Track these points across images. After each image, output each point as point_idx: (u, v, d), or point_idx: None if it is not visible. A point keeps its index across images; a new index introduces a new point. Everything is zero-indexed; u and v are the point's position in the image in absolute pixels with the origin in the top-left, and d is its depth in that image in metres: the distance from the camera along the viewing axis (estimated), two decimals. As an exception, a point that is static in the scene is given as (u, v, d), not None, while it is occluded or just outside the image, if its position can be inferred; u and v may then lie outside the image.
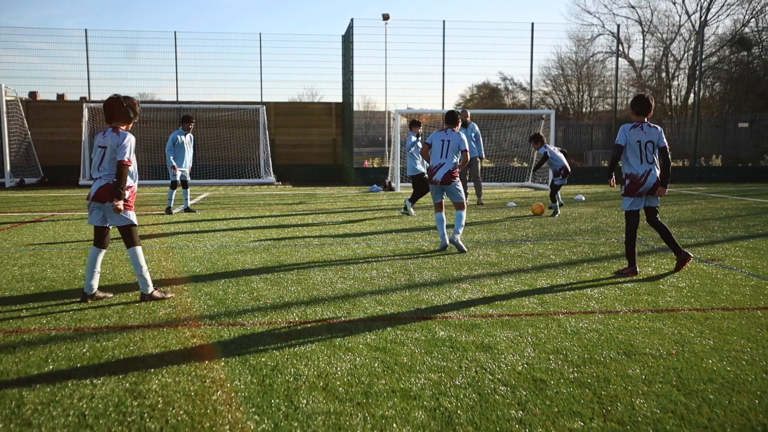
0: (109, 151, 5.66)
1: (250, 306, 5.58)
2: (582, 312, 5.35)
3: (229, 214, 12.86)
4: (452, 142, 8.46)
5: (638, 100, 6.76)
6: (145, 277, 5.71)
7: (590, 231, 10.34)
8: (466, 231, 10.21)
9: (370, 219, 12.02)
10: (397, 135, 19.82)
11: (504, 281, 6.55)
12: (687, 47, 45.27)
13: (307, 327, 4.94)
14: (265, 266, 7.33)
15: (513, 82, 43.40)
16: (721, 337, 4.66)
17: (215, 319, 5.16)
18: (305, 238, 9.55)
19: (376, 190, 19.35)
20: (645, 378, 3.84)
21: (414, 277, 6.78)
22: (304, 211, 13.51)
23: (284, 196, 17.57)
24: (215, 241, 9.24)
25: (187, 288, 6.24)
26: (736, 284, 6.41)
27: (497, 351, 4.35)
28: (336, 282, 6.52)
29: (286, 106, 26.27)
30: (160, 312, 5.36)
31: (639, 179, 6.69)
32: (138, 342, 4.56)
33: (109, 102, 5.73)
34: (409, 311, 5.39)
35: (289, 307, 5.55)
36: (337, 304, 5.63)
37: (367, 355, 4.28)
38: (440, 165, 8.44)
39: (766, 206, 14.49)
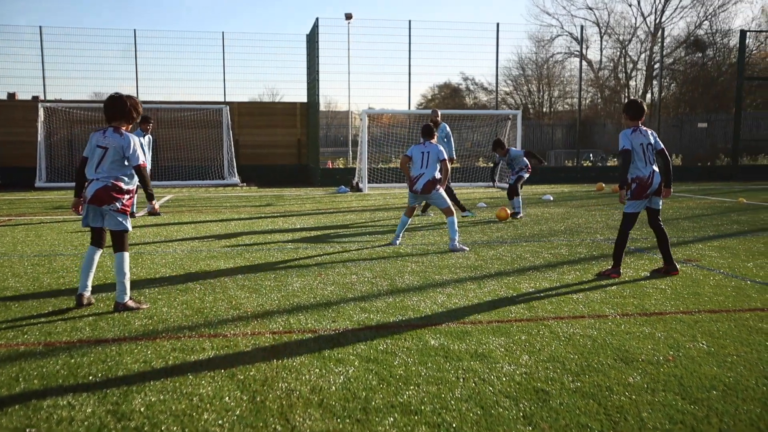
0: (112, 153, 5.40)
1: (230, 315, 5.36)
2: (571, 317, 5.28)
3: (197, 217, 12.53)
4: (431, 153, 8.69)
5: (632, 105, 6.80)
6: (125, 285, 5.45)
7: (565, 232, 10.34)
8: (441, 234, 10.12)
9: (341, 221, 11.84)
10: (364, 135, 19.65)
11: (487, 285, 6.45)
12: (643, 48, 46.19)
13: (293, 337, 4.75)
14: (241, 272, 7.10)
15: (474, 82, 43.60)
16: (714, 341, 4.62)
17: (195, 331, 4.93)
18: (278, 242, 9.33)
19: (343, 191, 19.16)
20: (647, 386, 3.76)
21: (396, 281, 6.63)
22: (273, 213, 13.26)
23: (251, 198, 17.25)
24: (185, 245, 8.95)
25: (161, 296, 5.98)
26: (718, 285, 6.43)
27: (493, 360, 4.23)
28: (316, 288, 6.34)
29: (250, 106, 25.89)
30: (136, 323, 5.11)
31: (646, 181, 6.69)
32: (115, 357, 4.31)
33: (111, 101, 5.49)
34: (397, 318, 5.24)
35: (271, 316, 5.35)
36: (321, 312, 5.45)
37: (360, 366, 4.12)
38: (420, 175, 8.69)
39: (729, 205, 14.76)
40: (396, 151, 24.80)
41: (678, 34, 42.81)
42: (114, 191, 5.41)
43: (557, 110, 46.69)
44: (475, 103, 43.57)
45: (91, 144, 5.55)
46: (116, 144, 5.41)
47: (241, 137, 24.84)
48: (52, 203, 15.97)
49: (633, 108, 6.76)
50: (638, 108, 6.75)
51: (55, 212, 13.68)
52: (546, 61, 46.08)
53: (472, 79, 42.68)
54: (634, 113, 6.75)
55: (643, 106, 6.77)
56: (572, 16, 58.53)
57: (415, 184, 8.70)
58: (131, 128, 5.74)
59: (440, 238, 9.63)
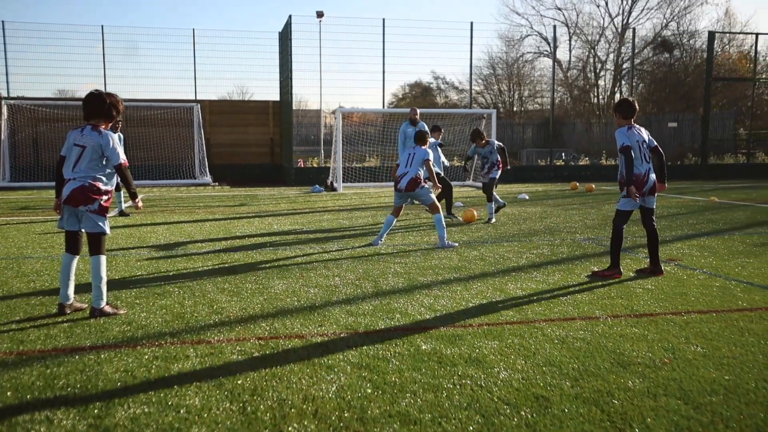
0: (89, 152, 5.17)
1: (212, 320, 5.17)
2: (562, 319, 5.20)
3: (170, 217, 12.24)
4: (417, 155, 8.87)
5: (624, 104, 6.77)
6: (102, 290, 5.23)
7: (544, 231, 10.30)
8: (421, 234, 10.02)
9: (318, 222, 11.67)
10: (338, 134, 19.47)
11: (473, 286, 6.36)
12: (611, 49, 46.75)
13: (280, 343, 4.59)
14: (220, 274, 6.91)
15: (445, 82, 43.63)
16: (708, 343, 4.58)
17: (177, 337, 4.74)
18: (256, 243, 9.13)
19: (318, 190, 18.96)
20: (647, 391, 3.68)
21: (380, 283, 6.50)
22: (248, 213, 13.03)
23: (224, 198, 16.97)
24: (160, 247, 8.70)
25: (139, 301, 5.76)
26: (703, 285, 6.42)
27: (488, 365, 4.12)
28: (299, 291, 6.17)
29: (222, 104, 25.54)
30: (114, 330, 4.89)
31: (643, 178, 6.66)
32: (94, 366, 4.11)
33: (90, 98, 5.26)
34: (385, 322, 5.11)
35: (255, 320, 5.18)
36: (306, 316, 5.29)
37: (352, 374, 3.98)
38: (404, 174, 8.84)
39: (702, 204, 14.92)
40: (370, 150, 24.67)
41: (645, 34, 43.40)
42: (91, 192, 5.19)
43: (527, 109, 47.03)
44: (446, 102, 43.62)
45: (68, 142, 5.32)
46: (94, 142, 5.19)
47: (212, 136, 24.47)
48: (17, 203, 15.51)
49: (625, 107, 6.74)
50: (630, 107, 6.73)
51: (21, 213, 13.27)
52: (516, 60, 46.38)
53: (443, 78, 42.69)
54: (627, 112, 6.73)
55: (635, 105, 6.75)
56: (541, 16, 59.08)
57: (399, 182, 8.85)
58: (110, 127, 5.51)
59: (420, 238, 9.53)
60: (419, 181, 8.74)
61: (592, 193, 18.30)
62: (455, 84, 42.77)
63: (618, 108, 6.80)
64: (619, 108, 6.79)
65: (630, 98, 6.80)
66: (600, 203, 15.18)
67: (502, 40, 46.10)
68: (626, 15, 47.48)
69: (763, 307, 5.58)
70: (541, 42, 47.81)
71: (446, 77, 42.29)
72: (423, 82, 44.14)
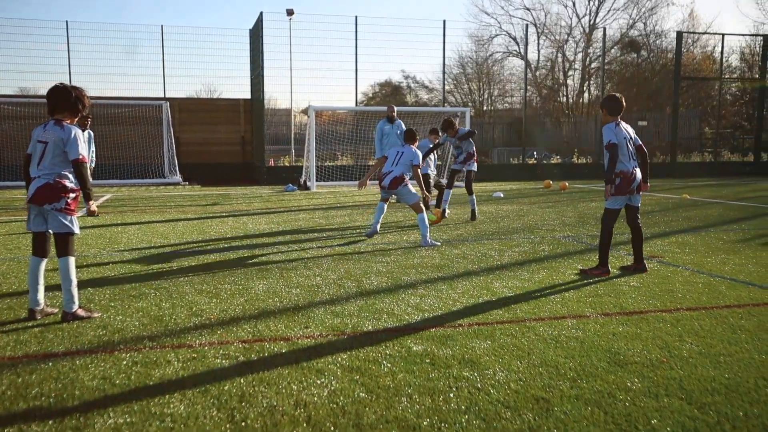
0: (52, 147, 4.91)
1: (192, 323, 4.96)
2: (552, 317, 5.10)
3: (141, 217, 11.92)
4: (405, 154, 9.00)
5: (611, 99, 6.69)
6: (73, 293, 4.98)
7: (523, 229, 10.24)
8: (401, 233, 9.89)
9: (294, 221, 11.46)
10: (311, 132, 19.24)
11: (459, 285, 6.24)
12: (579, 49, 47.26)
13: (265, 346, 4.41)
14: (197, 275, 6.68)
15: (415, 81, 43.60)
16: (701, 341, 4.52)
17: (156, 341, 4.52)
18: (232, 243, 8.90)
19: (291, 189, 18.71)
20: (648, 391, 3.59)
21: (363, 283, 6.34)
22: (222, 213, 12.75)
23: (195, 197, 16.63)
24: (132, 248, 8.42)
25: (113, 304, 5.52)
26: (688, 282, 6.40)
27: (482, 366, 4.00)
28: (280, 291, 5.99)
29: (191, 102, 25.09)
30: (89, 334, 4.66)
31: (630, 175, 6.58)
32: (69, 373, 3.89)
33: (53, 91, 4.99)
34: (372, 323, 4.96)
35: (238, 322, 4.99)
36: (290, 317, 5.11)
37: (343, 377, 3.82)
38: (389, 172, 8.96)
39: (675, 201, 15.05)
40: (343, 149, 24.48)
41: (612, 35, 43.95)
42: (56, 189, 4.94)
43: (497, 108, 47.28)
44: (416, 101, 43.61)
45: (32, 139, 5.07)
46: (56, 137, 4.93)
47: (182, 134, 24.02)
48: (-19, 204, 14.99)
49: (612, 103, 6.65)
50: (618, 103, 6.65)
51: (-16, 213, 12.81)
52: (486, 60, 46.60)
53: (413, 77, 42.65)
54: (614, 108, 6.65)
55: (623, 101, 6.67)
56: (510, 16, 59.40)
57: (383, 180, 8.97)
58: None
59: (400, 237, 9.40)
60: (403, 180, 8.89)
61: (566, 191, 18.36)
62: (425, 83, 42.78)
63: (605, 104, 6.72)
64: (606, 104, 6.71)
65: (617, 95, 6.72)
66: (575, 201, 15.22)
67: (472, 39, 46.27)
68: (593, 15, 48.05)
69: (750, 303, 5.56)
70: (510, 42, 48.14)
71: (416, 76, 42.21)
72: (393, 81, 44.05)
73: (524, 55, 26.41)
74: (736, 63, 38.06)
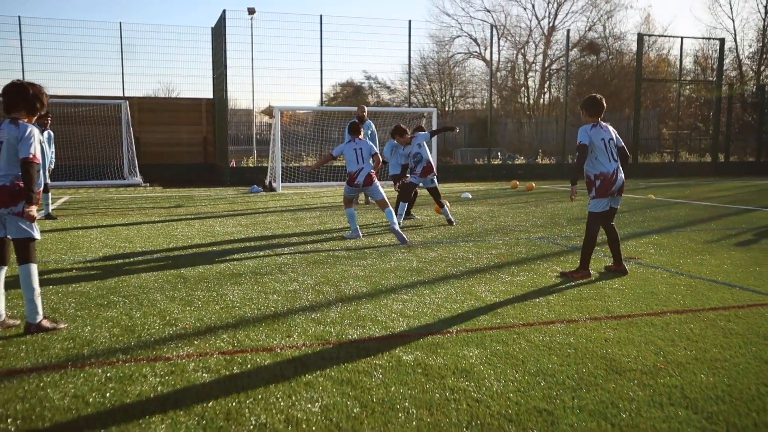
0: (6, 147, 4.58)
1: (167, 333, 4.70)
2: (541, 323, 4.99)
3: (102, 220, 11.49)
4: (364, 149, 9.17)
5: (591, 101, 6.59)
6: (36, 303, 4.67)
7: (497, 231, 10.16)
8: (375, 236, 9.72)
9: (263, 223, 11.18)
10: (277, 132, 18.92)
11: (440, 289, 6.09)
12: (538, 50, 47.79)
13: (247, 357, 4.18)
14: (167, 281, 6.39)
15: (378, 81, 43.47)
16: (694, 345, 4.45)
17: (130, 354, 4.26)
18: (201, 246, 8.60)
19: (256, 190, 18.36)
20: (652, 400, 3.49)
21: (342, 288, 6.15)
22: (187, 215, 12.39)
23: (157, 199, 16.17)
24: (96, 252, 8.06)
25: (80, 313, 5.21)
26: (669, 284, 6.36)
27: (478, 375, 3.85)
28: (257, 298, 5.75)
29: (152, 101, 24.52)
30: (56, 347, 4.37)
31: (610, 177, 6.48)
32: (37, 392, 3.60)
33: (9, 88, 4.66)
34: (357, 331, 4.77)
35: (215, 332, 4.75)
36: (271, 326, 4.89)
37: (334, 390, 3.62)
38: (360, 169, 9.08)
39: (641, 202, 15.19)
40: (307, 149, 24.17)
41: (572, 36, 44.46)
42: (15, 192, 4.63)
43: (459, 109, 47.48)
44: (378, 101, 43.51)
45: None
46: (10, 136, 4.61)
47: (142, 135, 23.42)
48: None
49: (592, 104, 6.58)
50: (598, 104, 6.57)
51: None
52: (447, 60, 46.78)
53: (375, 77, 42.51)
54: (594, 109, 6.57)
55: (603, 103, 6.60)
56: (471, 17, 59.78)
57: (356, 179, 9.09)
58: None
59: (374, 239, 9.22)
60: (374, 176, 9.17)
61: (533, 191, 18.42)
62: (387, 83, 42.71)
63: (585, 105, 6.62)
64: (585, 105, 6.61)
65: (598, 96, 6.64)
66: (543, 202, 15.25)
67: (433, 40, 46.37)
68: (552, 18, 48.65)
69: (736, 306, 5.53)
70: (471, 43, 48.43)
71: (378, 76, 42.11)
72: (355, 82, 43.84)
73: (489, 56, 26.52)
74: (690, 66, 38.94)
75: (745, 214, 12.62)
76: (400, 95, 43.30)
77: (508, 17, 60.57)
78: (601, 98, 6.60)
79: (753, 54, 41.11)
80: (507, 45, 48.54)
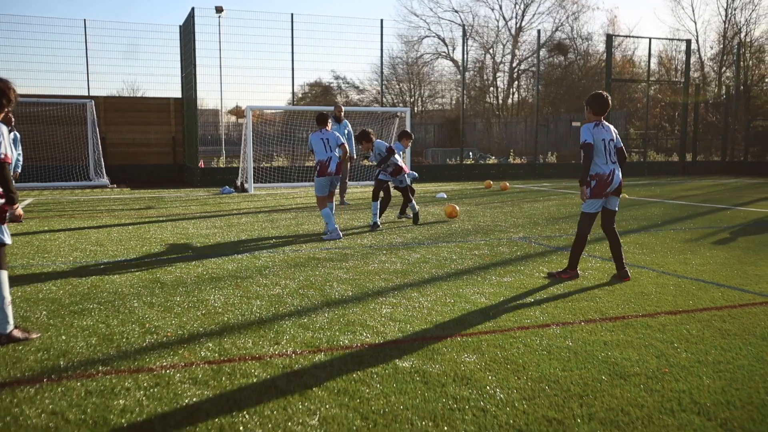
0: None
1: (147, 342, 4.47)
2: (536, 326, 4.86)
3: (70, 223, 11.09)
4: (331, 139, 9.35)
5: (597, 98, 6.41)
6: (6, 312, 4.40)
7: (477, 231, 10.05)
8: (354, 237, 9.53)
9: (238, 225, 10.90)
10: (249, 132, 18.60)
11: (428, 292, 5.93)
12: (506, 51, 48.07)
13: (236, 367, 3.97)
14: (143, 287, 6.13)
15: (346, 81, 43.27)
16: (694, 347, 4.37)
17: (110, 365, 4.02)
18: (176, 249, 8.32)
19: (228, 192, 18.01)
20: (662, 407, 3.38)
21: (327, 292, 5.96)
22: (159, 217, 12.05)
23: (126, 201, 15.75)
24: (65, 257, 7.73)
25: (53, 322, 4.94)
26: (657, 284, 6.30)
27: (480, 383, 3.70)
28: (240, 303, 5.53)
29: (118, 100, 23.93)
30: (29, 359, 4.10)
31: (606, 179, 6.35)
32: (11, 408, 3.36)
33: None
34: (348, 337, 4.59)
35: (199, 340, 4.52)
36: (257, 333, 4.68)
37: (332, 401, 3.44)
38: (330, 158, 9.22)
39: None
40: (278, 150, 23.84)
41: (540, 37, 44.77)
42: None
43: (428, 109, 47.47)
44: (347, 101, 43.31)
45: None
46: None
47: (108, 135, 22.84)
48: None
49: (598, 102, 6.39)
50: (604, 102, 6.38)
51: None
52: (416, 61, 46.80)
53: (343, 77, 42.29)
54: (599, 107, 6.40)
55: (609, 101, 6.42)
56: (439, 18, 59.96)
57: (328, 167, 9.20)
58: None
59: (354, 241, 9.03)
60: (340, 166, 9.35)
61: (507, 191, 18.40)
62: (356, 83, 42.56)
63: (590, 102, 6.43)
64: (591, 102, 6.42)
65: (604, 93, 6.46)
66: (518, 201, 15.22)
67: (401, 40, 46.37)
68: (519, 19, 48.98)
69: (727, 305, 5.48)
70: (439, 43, 48.51)
71: (347, 77, 41.89)
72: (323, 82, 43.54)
73: (462, 56, 26.42)
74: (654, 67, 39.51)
75: (718, 212, 12.73)
76: (368, 95, 43.13)
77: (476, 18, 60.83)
78: (608, 96, 6.42)
79: (715, 56, 41.90)
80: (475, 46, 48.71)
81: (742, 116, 31.00)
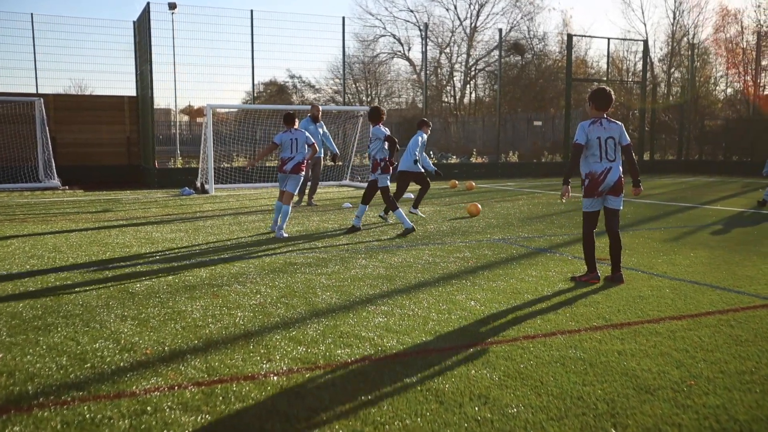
0: None
1: (125, 362, 4.05)
2: (541, 335, 4.61)
3: (22, 228, 10.43)
4: (299, 138, 9.44)
5: (598, 93, 6.17)
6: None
7: (455, 233, 9.80)
8: (332, 239, 9.16)
9: (203, 227, 10.42)
10: (210, 132, 18.02)
11: (419, 299, 5.64)
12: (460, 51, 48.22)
13: (228, 389, 3.60)
14: (112, 297, 5.67)
15: (302, 80, 42.73)
16: (710, 355, 4.18)
17: (86, 389, 3.60)
18: (141, 256, 7.83)
19: (188, 193, 17.39)
20: (700, 425, 3.15)
21: (312, 300, 5.60)
22: (118, 220, 11.45)
23: (80, 203, 15.02)
24: (21, 265, 7.18)
25: (16, 341, 4.47)
26: (651, 286, 6.15)
27: (499, 402, 3.42)
28: (221, 314, 5.14)
29: (69, 99, 22.97)
30: (-8, 385, 3.66)
31: (598, 177, 6.14)
32: (-24, 446, 2.93)
33: None
34: (345, 351, 4.25)
35: (182, 357, 4.13)
36: (245, 348, 4.31)
37: (343, 428, 3.11)
38: (291, 158, 9.37)
39: (583, 200, 15.19)
40: (238, 149, 23.25)
41: (494, 36, 45.02)
42: None
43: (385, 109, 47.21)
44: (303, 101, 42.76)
45: None
46: None
47: (58, 134, 21.89)
48: None
49: (600, 97, 6.16)
50: (606, 97, 6.15)
51: None
52: (372, 60, 46.57)
53: (299, 76, 41.73)
54: (601, 103, 6.16)
55: (612, 96, 6.19)
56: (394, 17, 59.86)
57: (285, 165, 9.36)
58: None
59: (329, 242, 8.68)
60: (302, 166, 9.39)
61: (473, 191, 18.25)
62: (312, 82, 42.09)
63: (593, 97, 6.19)
64: (593, 98, 6.19)
65: (607, 88, 6.21)
66: (487, 201, 15.05)
67: (356, 39, 46.06)
68: (474, 19, 49.15)
69: (729, 309, 5.34)
70: (395, 43, 48.37)
71: (302, 76, 41.35)
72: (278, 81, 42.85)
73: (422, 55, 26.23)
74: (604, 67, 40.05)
75: (687, 211, 12.79)
76: (325, 94, 42.69)
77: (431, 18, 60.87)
78: (611, 91, 6.18)
79: (664, 57, 42.74)
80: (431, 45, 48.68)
81: (694, 116, 31.63)
